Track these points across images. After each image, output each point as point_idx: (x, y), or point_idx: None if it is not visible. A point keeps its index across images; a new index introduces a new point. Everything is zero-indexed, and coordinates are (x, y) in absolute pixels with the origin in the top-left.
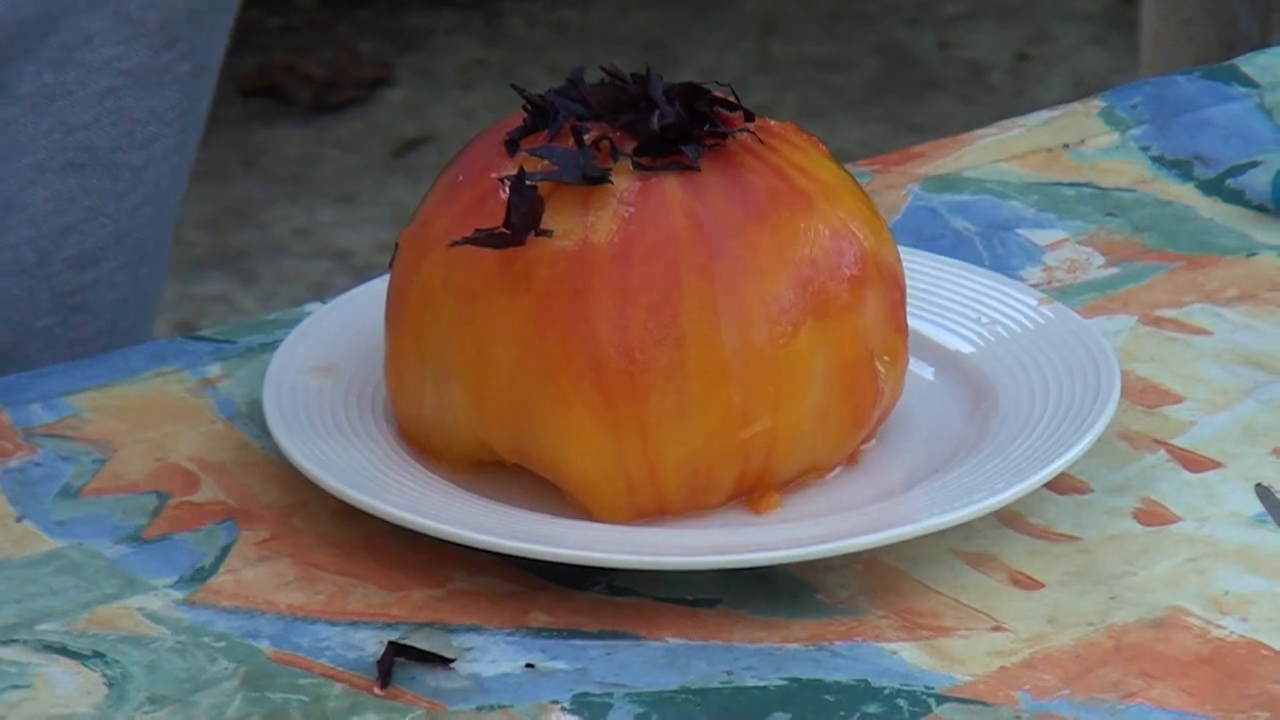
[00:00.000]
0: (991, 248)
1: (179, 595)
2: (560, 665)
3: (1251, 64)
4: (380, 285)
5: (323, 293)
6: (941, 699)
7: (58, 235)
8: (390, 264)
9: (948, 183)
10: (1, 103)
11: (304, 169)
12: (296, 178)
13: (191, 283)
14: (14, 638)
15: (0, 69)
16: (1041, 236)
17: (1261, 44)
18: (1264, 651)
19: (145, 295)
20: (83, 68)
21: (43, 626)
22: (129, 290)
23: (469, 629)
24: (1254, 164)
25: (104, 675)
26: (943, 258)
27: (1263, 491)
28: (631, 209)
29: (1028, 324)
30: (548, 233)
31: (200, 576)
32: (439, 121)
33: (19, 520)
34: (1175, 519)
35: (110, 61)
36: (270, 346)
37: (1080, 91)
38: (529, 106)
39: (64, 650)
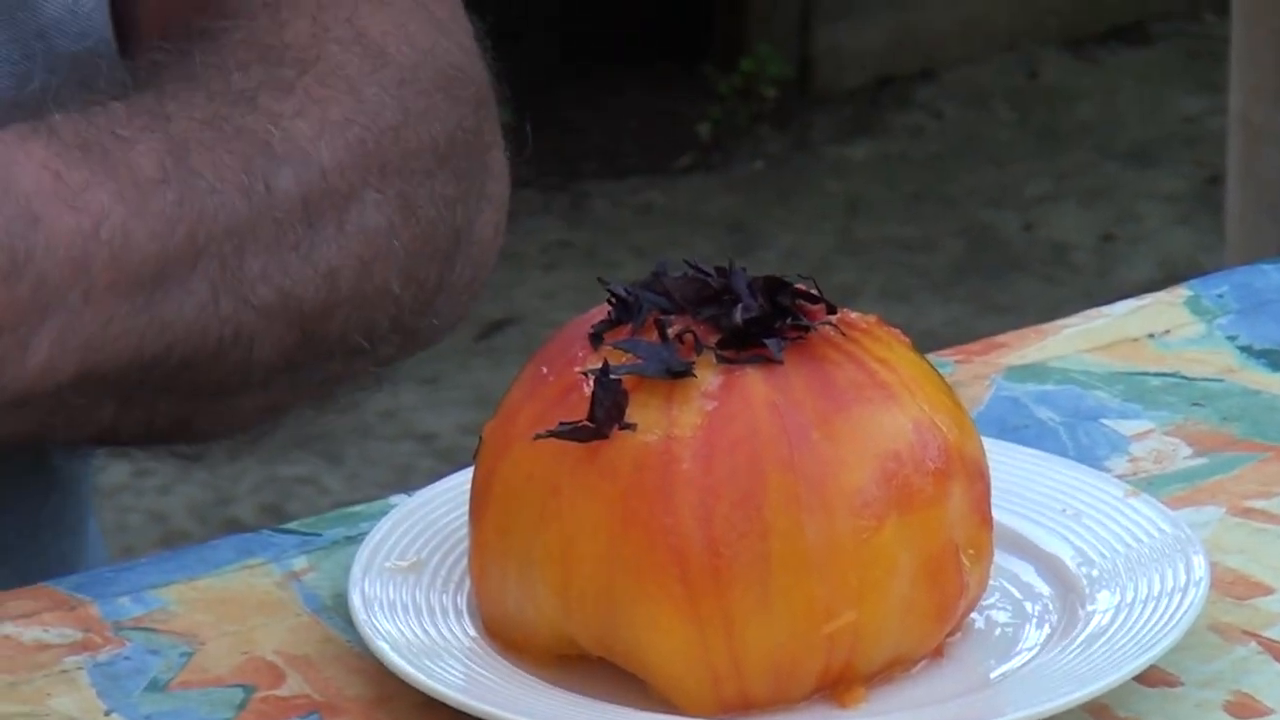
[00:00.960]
0: (1076, 438)
1: None
2: None
3: None
4: (464, 477)
5: (407, 475)
6: None
7: None
8: (474, 456)
9: (1031, 372)
10: None
11: None
12: None
13: (278, 464)
14: None
15: None
16: (1127, 427)
17: None
18: None
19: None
20: None
21: None
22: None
23: None
24: None
25: None
26: (1027, 449)
27: None
28: (715, 403)
29: (1114, 516)
30: (631, 426)
31: None
32: (522, 303)
33: (107, 715)
34: (1268, 711)
35: None
36: (355, 539)
37: (1166, 271)
38: (614, 300)
39: None
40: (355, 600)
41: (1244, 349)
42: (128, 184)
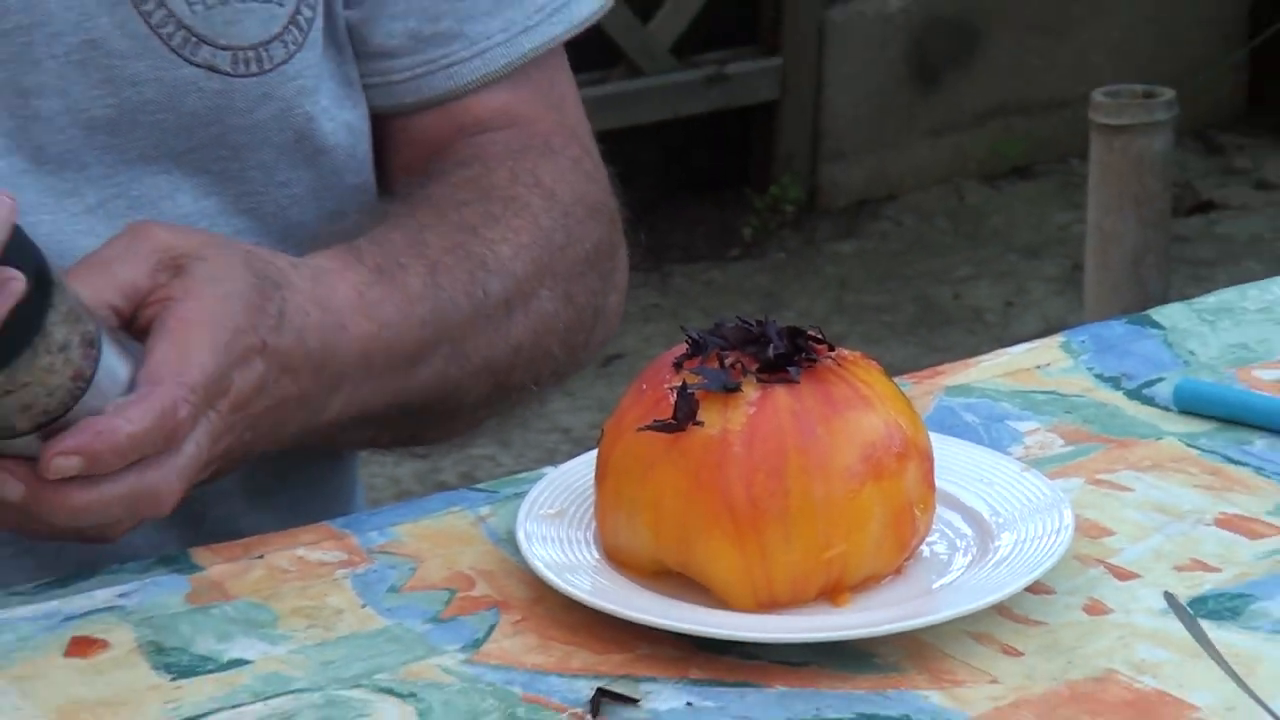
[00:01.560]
0: (990, 434)
1: (463, 657)
2: (709, 704)
3: (1159, 314)
4: (590, 457)
5: (553, 455)
6: None
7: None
8: (598, 442)
9: (961, 390)
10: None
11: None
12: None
13: (469, 447)
14: (360, 683)
15: None
16: (1022, 426)
17: (1164, 300)
18: (1167, 698)
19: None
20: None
21: (378, 676)
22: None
23: (649, 679)
24: (1160, 379)
25: (416, 708)
26: (958, 440)
27: (1167, 596)
28: (754, 408)
29: (1013, 484)
30: (701, 423)
31: (476, 645)
32: (629, 344)
33: (362, 607)
34: (1110, 610)
35: None
36: (521, 495)
37: (1047, 329)
38: (689, 341)
39: (390, 691)
40: (520, 535)
41: (1097, 376)
42: (402, 299)
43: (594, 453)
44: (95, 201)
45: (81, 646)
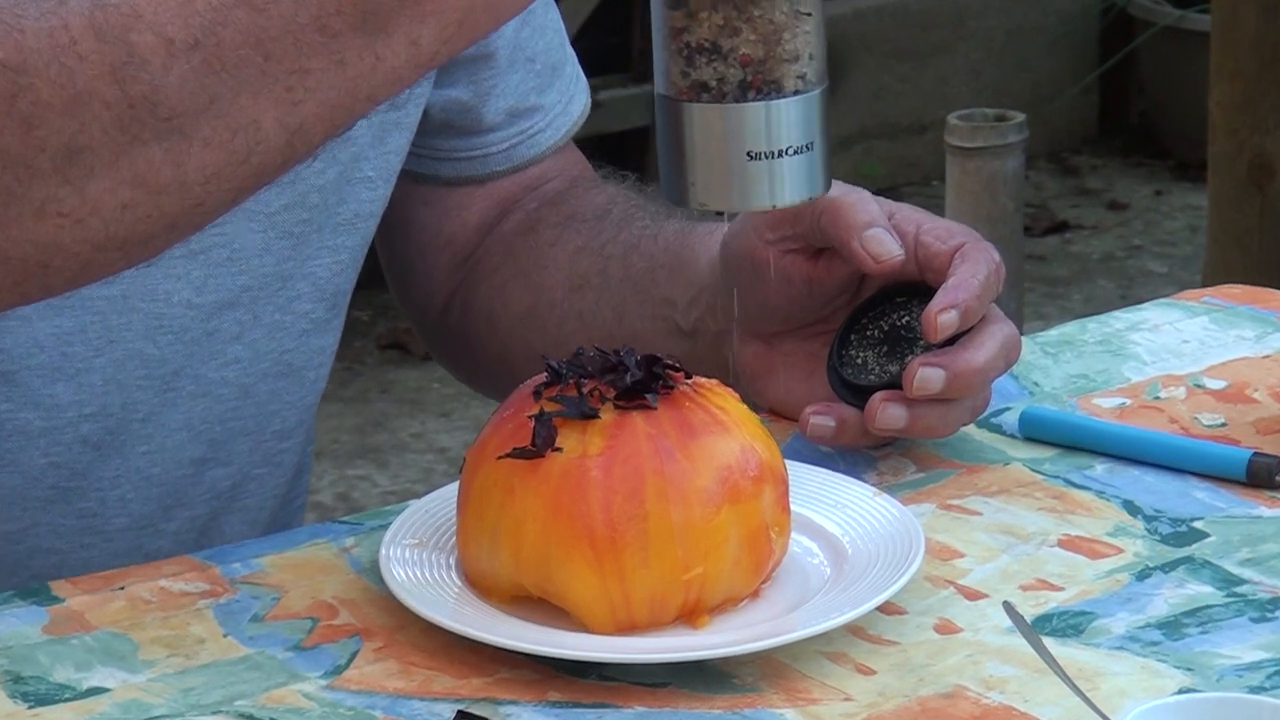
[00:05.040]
0: (846, 459)
1: (324, 683)
2: None
3: None
4: (452, 489)
5: (430, 477)
6: None
7: (270, 416)
8: (460, 470)
9: None
10: (248, 329)
11: (419, 395)
12: (414, 401)
13: (346, 468)
14: (220, 710)
15: (252, 305)
16: (876, 451)
17: (1018, 316)
18: (1014, 713)
19: (305, 466)
20: (293, 314)
21: (238, 702)
22: (301, 457)
23: (509, 703)
24: (1007, 409)
25: None
26: (814, 466)
27: (1006, 606)
28: (612, 434)
29: (867, 508)
30: (559, 450)
31: (338, 671)
32: None
33: (224, 636)
34: (959, 630)
35: (307, 312)
36: (384, 527)
37: None
38: (549, 369)
39: (250, 717)
40: (383, 563)
41: None
42: None
43: (455, 485)
44: (199, 248)
45: None
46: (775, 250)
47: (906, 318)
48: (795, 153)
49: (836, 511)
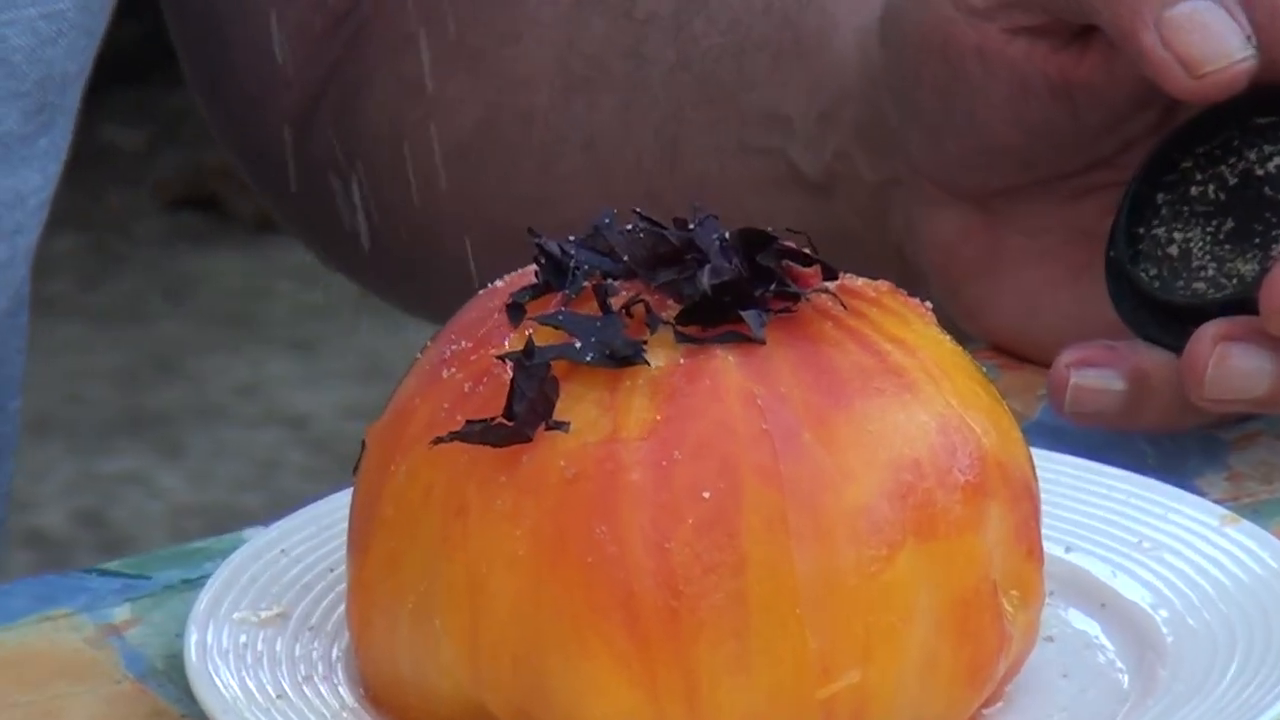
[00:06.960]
0: (1159, 445)
1: None
2: None
3: None
4: (343, 499)
5: (270, 472)
6: None
7: None
8: (354, 470)
9: None
10: None
11: (247, 307)
12: (237, 319)
13: (96, 457)
14: None
15: None
16: (1227, 430)
17: None
18: None
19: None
20: None
21: None
22: None
23: None
24: None
25: None
26: (1088, 462)
27: None
28: (674, 395)
29: (1207, 549)
30: (563, 426)
31: None
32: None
33: None
34: None
35: None
36: (196, 584)
37: None
38: (542, 259)
39: None
40: (195, 664)
41: None
42: None
43: (347, 493)
44: None
45: None
46: (994, 28)
47: (1264, 166)
48: None
49: (1139, 556)
